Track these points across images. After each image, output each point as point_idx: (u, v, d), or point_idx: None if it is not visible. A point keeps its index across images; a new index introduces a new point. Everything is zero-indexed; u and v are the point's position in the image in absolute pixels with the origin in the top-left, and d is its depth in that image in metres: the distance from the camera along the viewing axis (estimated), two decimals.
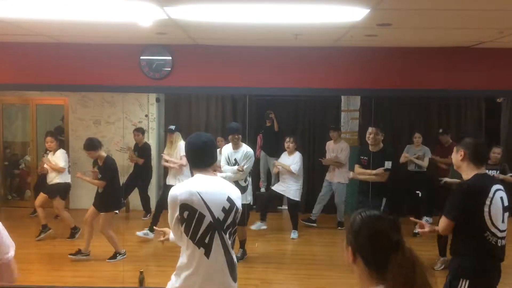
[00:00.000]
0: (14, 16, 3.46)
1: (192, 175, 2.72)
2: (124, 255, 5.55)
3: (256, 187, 7.55)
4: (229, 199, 2.62)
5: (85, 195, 6.23)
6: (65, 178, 6.26)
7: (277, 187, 6.58)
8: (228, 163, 5.46)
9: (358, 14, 3.09)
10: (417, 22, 3.40)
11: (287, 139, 6.48)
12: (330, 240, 6.55)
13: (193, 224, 2.54)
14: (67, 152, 6.64)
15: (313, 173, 7.65)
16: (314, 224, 6.99)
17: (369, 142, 5.35)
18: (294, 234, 6.49)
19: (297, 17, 3.28)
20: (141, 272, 4.54)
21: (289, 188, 6.45)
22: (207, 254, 2.56)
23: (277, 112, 7.63)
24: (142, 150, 7.05)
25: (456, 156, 2.96)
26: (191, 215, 2.53)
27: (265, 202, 6.86)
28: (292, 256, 6.09)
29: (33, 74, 4.55)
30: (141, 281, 4.52)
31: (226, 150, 5.50)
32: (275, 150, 7.18)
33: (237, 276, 2.70)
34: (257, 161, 7.66)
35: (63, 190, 6.22)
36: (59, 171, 6.18)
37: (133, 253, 5.69)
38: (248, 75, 4.54)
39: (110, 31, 3.95)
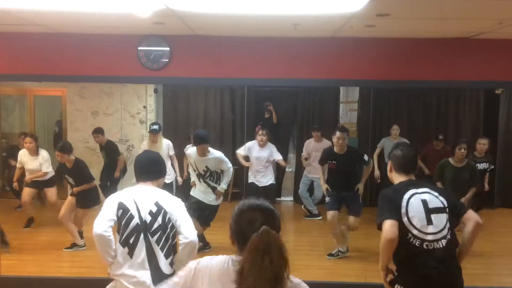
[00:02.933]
0: (12, 6, 3.43)
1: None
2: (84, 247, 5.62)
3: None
4: (157, 204, 2.76)
5: None
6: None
7: (259, 182, 6.40)
8: (196, 170, 5.41)
9: (357, 4, 3.07)
10: (416, 12, 3.39)
11: (260, 132, 6.36)
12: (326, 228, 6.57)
13: (122, 223, 2.74)
14: None
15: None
16: (320, 217, 7.00)
17: (338, 146, 5.38)
18: None
19: (296, 7, 3.27)
20: None
21: (268, 177, 6.38)
22: (130, 254, 2.73)
23: (276, 104, 7.63)
24: (107, 149, 6.81)
25: (388, 169, 3.05)
26: (124, 214, 2.74)
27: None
28: (288, 246, 6.12)
29: (31, 65, 4.53)
30: None
31: (192, 156, 5.40)
32: (273, 142, 7.18)
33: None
34: None
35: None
36: (43, 176, 6.17)
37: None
38: (247, 66, 4.53)
39: (108, 21, 3.93)
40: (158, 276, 2.69)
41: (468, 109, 7.81)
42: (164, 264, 2.74)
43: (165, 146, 6.29)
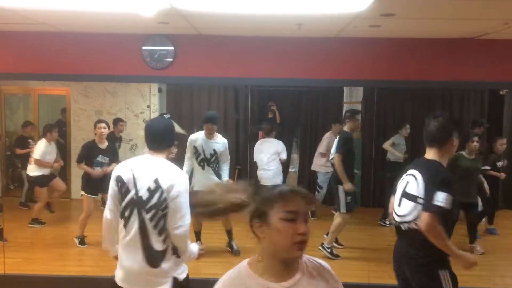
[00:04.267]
0: (17, 5, 3.44)
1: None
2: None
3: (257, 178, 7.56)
4: (156, 181, 2.67)
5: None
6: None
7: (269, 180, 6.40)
8: (202, 153, 5.34)
9: (362, 3, 3.06)
10: (421, 12, 3.38)
11: (264, 123, 6.47)
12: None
13: (121, 195, 2.72)
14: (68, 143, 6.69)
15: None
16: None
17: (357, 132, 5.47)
18: None
19: (300, 7, 3.26)
20: None
21: (271, 171, 6.40)
22: (125, 226, 2.72)
23: (279, 104, 7.62)
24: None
25: None
26: (121, 187, 2.72)
27: None
28: None
29: (35, 64, 4.53)
30: None
31: (198, 140, 5.34)
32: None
33: (158, 264, 2.68)
34: None
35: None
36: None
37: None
38: (251, 65, 4.52)
39: (113, 21, 3.93)
40: (150, 253, 2.68)
41: (473, 110, 7.78)
42: (156, 241, 2.68)
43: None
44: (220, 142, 5.36)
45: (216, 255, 5.32)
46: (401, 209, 2.82)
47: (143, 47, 4.48)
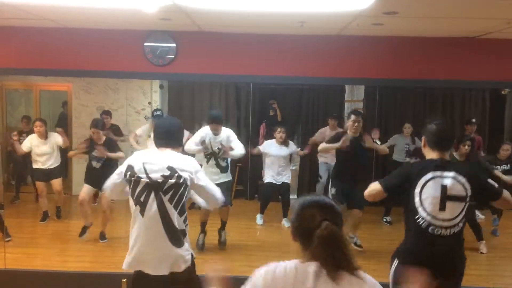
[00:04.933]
0: (18, 0, 3.44)
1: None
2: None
3: (258, 176, 7.56)
4: (170, 168, 2.72)
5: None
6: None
7: (276, 178, 6.47)
8: (210, 148, 5.38)
9: (364, 1, 3.06)
10: (424, 11, 3.37)
11: (279, 129, 6.38)
12: None
13: (132, 183, 2.75)
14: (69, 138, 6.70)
15: (315, 162, 7.63)
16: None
17: (353, 130, 5.29)
18: (287, 223, 6.52)
19: (303, 5, 3.26)
20: None
21: (287, 176, 6.46)
22: (142, 212, 2.72)
23: (280, 101, 7.61)
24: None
25: (422, 145, 2.97)
26: (131, 176, 2.75)
27: (268, 197, 6.66)
28: (293, 243, 6.12)
29: (37, 59, 4.54)
30: None
31: (207, 135, 5.39)
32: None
33: (183, 242, 2.76)
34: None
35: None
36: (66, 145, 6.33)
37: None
38: (252, 63, 4.52)
39: (115, 17, 3.93)
40: (173, 233, 2.72)
41: (474, 109, 7.77)
42: (178, 221, 2.73)
43: None
44: (222, 136, 5.38)
45: (212, 252, 5.35)
46: (447, 213, 2.71)
47: (145, 44, 4.48)
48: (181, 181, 2.71)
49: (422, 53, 4.43)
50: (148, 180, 2.70)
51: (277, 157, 6.36)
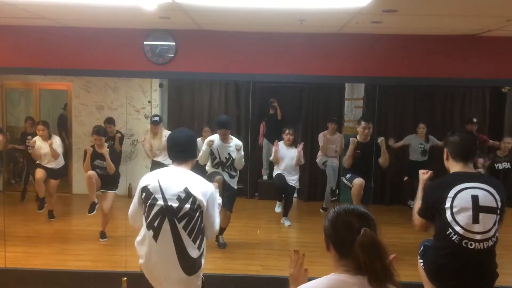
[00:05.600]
0: None
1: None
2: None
3: (258, 175, 7.56)
4: (186, 190, 2.65)
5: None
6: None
7: (286, 176, 6.45)
8: (218, 157, 5.37)
9: None
10: (423, 8, 3.36)
11: (287, 131, 6.37)
12: None
13: (147, 206, 2.69)
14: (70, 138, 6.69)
15: (315, 161, 7.63)
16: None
17: (363, 136, 5.44)
18: (287, 222, 6.53)
19: (302, 2, 3.25)
20: None
21: (294, 177, 6.46)
22: (155, 237, 2.68)
23: (280, 100, 7.60)
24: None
25: (444, 157, 2.85)
26: (147, 197, 2.69)
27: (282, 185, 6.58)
28: (294, 243, 6.12)
29: (36, 58, 4.54)
30: None
31: (215, 142, 5.36)
32: (278, 138, 7.17)
33: (196, 270, 2.72)
34: (259, 148, 7.67)
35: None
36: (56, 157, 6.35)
37: (135, 238, 5.73)
38: (252, 61, 4.52)
39: (114, 15, 3.93)
40: (187, 262, 2.67)
41: (474, 107, 7.76)
42: (191, 249, 2.68)
43: (165, 138, 6.36)
44: (231, 145, 5.36)
45: (216, 251, 5.35)
46: (482, 225, 2.60)
47: (145, 42, 4.48)
48: (195, 206, 2.65)
49: (422, 51, 4.43)
50: (163, 204, 2.64)
51: (285, 159, 6.33)
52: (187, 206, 2.63)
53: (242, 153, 5.34)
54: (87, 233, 5.69)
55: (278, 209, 6.51)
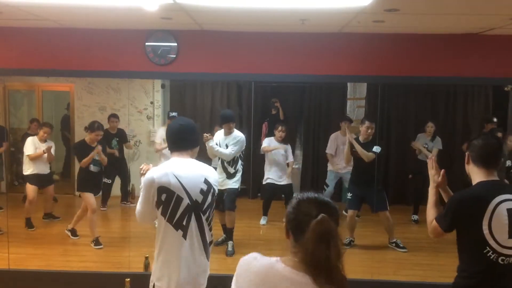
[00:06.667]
0: (20, 1, 3.44)
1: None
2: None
3: (261, 175, 7.55)
4: (206, 181, 2.64)
5: None
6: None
7: (277, 179, 6.44)
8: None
9: None
10: (425, 7, 3.36)
11: (280, 128, 6.38)
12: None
13: (170, 207, 2.57)
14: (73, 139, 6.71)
15: (318, 161, 7.64)
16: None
17: (365, 136, 5.52)
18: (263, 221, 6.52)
19: (304, 2, 3.25)
20: (146, 258, 4.57)
21: (285, 175, 6.44)
22: (185, 236, 2.61)
23: (283, 100, 7.60)
24: (119, 136, 7.01)
25: (465, 161, 2.67)
26: (169, 198, 2.56)
27: (269, 198, 6.64)
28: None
29: (39, 60, 4.54)
30: (146, 266, 4.55)
31: (218, 136, 5.50)
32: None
33: (209, 253, 2.76)
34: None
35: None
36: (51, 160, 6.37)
37: (138, 239, 5.73)
38: (254, 61, 4.52)
39: (116, 16, 3.93)
40: (206, 248, 2.70)
41: (477, 106, 7.73)
42: (208, 234, 2.71)
43: None
44: (232, 136, 5.41)
45: (218, 251, 5.35)
46: None
47: (146, 43, 4.48)
48: (214, 197, 2.69)
49: (424, 50, 4.41)
50: (189, 202, 2.58)
51: (275, 156, 6.35)
52: (210, 197, 2.65)
53: (210, 144, 5.27)
54: (90, 234, 5.69)
55: (263, 221, 6.52)
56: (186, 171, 2.61)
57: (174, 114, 6.40)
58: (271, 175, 6.38)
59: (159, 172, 2.58)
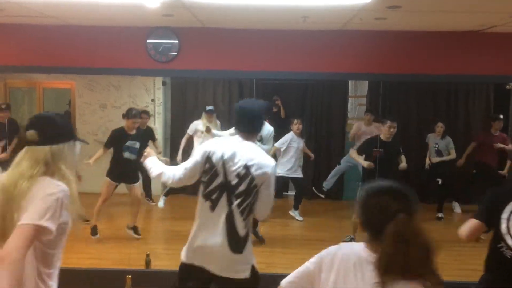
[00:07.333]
0: None
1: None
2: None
3: None
4: (246, 167, 2.63)
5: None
6: None
7: (286, 172, 6.49)
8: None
9: None
10: (427, 4, 3.35)
11: (296, 121, 6.41)
12: (337, 224, 6.56)
13: (207, 177, 2.67)
14: None
15: (319, 158, 7.62)
16: (323, 196, 7.06)
17: (388, 135, 5.40)
18: (299, 216, 6.55)
19: None
20: (148, 255, 4.57)
21: (297, 168, 6.49)
22: (212, 208, 2.67)
23: (284, 97, 7.59)
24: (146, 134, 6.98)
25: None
26: (209, 169, 2.67)
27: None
28: (298, 240, 6.12)
29: (40, 57, 4.54)
30: (148, 263, 4.55)
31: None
32: (281, 136, 7.16)
33: (240, 249, 2.67)
34: None
35: None
36: None
37: (140, 236, 5.75)
38: (255, 59, 4.51)
39: (117, 13, 3.93)
40: (234, 239, 2.66)
41: (478, 104, 7.73)
42: (240, 227, 2.67)
43: (218, 126, 6.77)
44: (265, 129, 5.59)
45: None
46: None
47: (148, 40, 4.47)
48: (252, 185, 2.64)
49: (425, 48, 4.41)
50: (223, 179, 2.64)
51: (296, 150, 6.38)
52: (245, 184, 2.63)
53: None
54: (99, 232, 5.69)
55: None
56: (234, 151, 2.66)
57: (210, 107, 6.55)
58: (286, 168, 6.39)
59: (213, 144, 2.74)
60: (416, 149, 7.16)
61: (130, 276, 4.14)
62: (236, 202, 2.64)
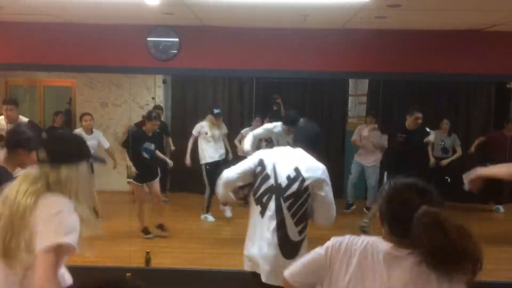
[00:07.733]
0: None
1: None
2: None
3: None
4: (297, 169, 2.66)
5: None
6: None
7: None
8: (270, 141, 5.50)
9: None
10: (428, 3, 3.35)
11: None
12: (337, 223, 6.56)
13: (258, 181, 2.72)
14: None
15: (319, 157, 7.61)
16: (354, 207, 6.98)
17: (413, 126, 5.58)
18: None
19: None
20: (148, 253, 4.58)
21: None
22: (262, 213, 2.69)
23: (284, 96, 7.59)
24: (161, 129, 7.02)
25: None
26: (260, 172, 2.73)
27: None
28: None
29: (41, 55, 4.54)
30: (148, 261, 4.57)
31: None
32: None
33: (294, 255, 2.63)
34: None
35: None
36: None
37: (140, 234, 5.76)
38: (256, 57, 4.51)
39: (118, 11, 3.92)
40: (285, 244, 2.65)
41: (479, 103, 7.72)
42: (292, 232, 2.66)
43: (224, 129, 6.81)
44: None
45: (220, 246, 5.35)
46: None
47: (148, 39, 4.47)
48: (303, 188, 2.64)
49: (426, 47, 4.40)
50: (273, 182, 2.67)
51: None
52: (295, 186, 2.64)
53: None
54: (100, 229, 5.70)
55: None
56: (283, 155, 2.77)
57: (218, 111, 6.53)
58: None
59: (265, 151, 2.89)
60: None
61: (130, 274, 4.15)
62: (285, 205, 2.64)
